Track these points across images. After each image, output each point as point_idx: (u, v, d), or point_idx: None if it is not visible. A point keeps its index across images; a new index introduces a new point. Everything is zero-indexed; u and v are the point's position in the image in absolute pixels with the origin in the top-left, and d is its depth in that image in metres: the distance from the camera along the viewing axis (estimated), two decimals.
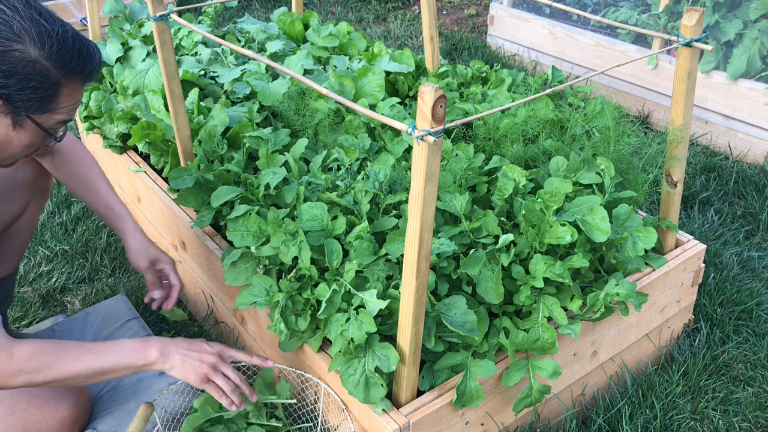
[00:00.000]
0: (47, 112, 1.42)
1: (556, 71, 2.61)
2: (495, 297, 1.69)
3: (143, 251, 1.87)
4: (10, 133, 1.41)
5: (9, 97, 1.34)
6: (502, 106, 1.40)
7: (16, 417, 1.58)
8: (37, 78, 1.35)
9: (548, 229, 1.73)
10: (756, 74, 3.33)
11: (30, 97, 1.36)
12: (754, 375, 2.15)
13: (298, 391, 1.84)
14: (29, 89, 1.35)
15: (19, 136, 1.43)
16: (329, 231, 1.74)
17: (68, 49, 1.38)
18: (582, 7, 4.33)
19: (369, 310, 1.57)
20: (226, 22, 5.03)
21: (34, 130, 1.44)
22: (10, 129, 1.41)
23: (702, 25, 1.71)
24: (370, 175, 1.89)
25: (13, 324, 2.32)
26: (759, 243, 2.77)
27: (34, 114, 1.40)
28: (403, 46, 4.74)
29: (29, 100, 1.36)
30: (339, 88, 2.42)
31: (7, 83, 1.32)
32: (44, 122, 1.44)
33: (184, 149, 2.19)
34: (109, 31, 2.83)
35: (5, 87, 1.33)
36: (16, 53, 1.31)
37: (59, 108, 1.43)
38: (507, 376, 1.66)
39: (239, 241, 1.80)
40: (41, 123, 1.43)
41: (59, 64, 1.37)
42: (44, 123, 1.44)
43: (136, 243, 1.87)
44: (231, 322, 2.17)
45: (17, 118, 1.39)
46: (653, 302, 2.03)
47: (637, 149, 2.06)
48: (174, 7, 1.89)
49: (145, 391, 1.86)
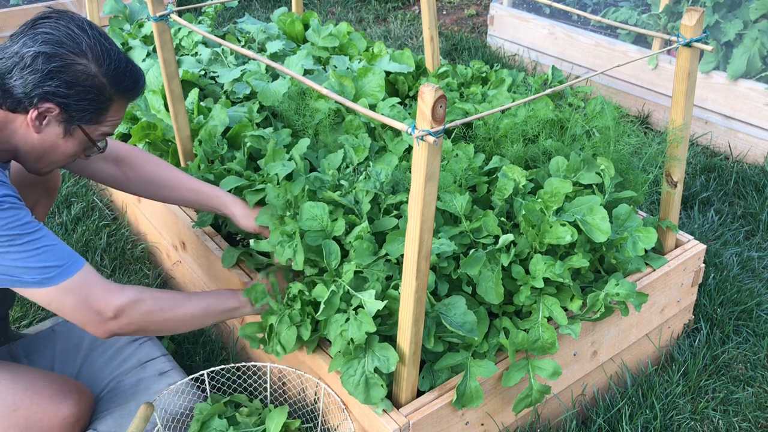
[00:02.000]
0: (96, 123, 1.56)
1: (556, 71, 2.61)
2: (495, 297, 1.69)
3: (250, 215, 1.92)
4: (59, 140, 1.54)
5: (67, 106, 1.48)
6: (502, 106, 1.40)
7: (18, 415, 1.59)
8: (94, 92, 1.50)
9: (548, 229, 1.73)
10: (756, 74, 3.33)
11: (85, 108, 1.50)
12: (754, 375, 2.15)
13: (299, 391, 1.84)
14: (86, 101, 1.50)
15: (66, 145, 1.55)
16: (328, 232, 1.74)
17: (122, 69, 1.54)
18: (582, 7, 4.34)
19: (367, 311, 1.57)
20: (226, 22, 5.03)
21: (80, 140, 1.56)
22: (60, 137, 1.53)
23: (702, 26, 1.72)
24: (371, 175, 1.89)
25: (13, 324, 2.32)
26: (759, 243, 2.77)
27: (84, 125, 1.54)
28: (403, 46, 4.74)
29: (84, 111, 1.51)
30: (339, 88, 2.42)
31: (68, 93, 1.47)
32: (91, 133, 1.57)
33: (184, 149, 2.19)
34: (109, 31, 2.83)
35: (66, 96, 1.47)
36: (80, 66, 1.47)
37: (106, 121, 1.57)
38: (507, 377, 1.66)
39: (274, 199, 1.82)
40: (89, 133, 1.56)
41: (114, 82, 1.53)
42: (91, 134, 1.57)
43: (240, 209, 1.92)
44: (231, 322, 2.17)
45: (69, 127, 1.53)
46: (653, 302, 2.03)
47: (637, 149, 2.06)
48: (174, 7, 1.89)
49: (145, 392, 1.86)
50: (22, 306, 2.40)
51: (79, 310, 1.50)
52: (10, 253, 1.41)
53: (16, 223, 1.43)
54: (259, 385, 1.91)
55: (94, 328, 1.53)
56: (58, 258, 1.47)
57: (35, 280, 1.44)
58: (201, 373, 1.83)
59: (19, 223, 1.43)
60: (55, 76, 1.44)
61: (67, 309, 1.49)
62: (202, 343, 2.19)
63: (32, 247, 1.44)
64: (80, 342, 2.00)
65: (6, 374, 1.63)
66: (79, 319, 1.51)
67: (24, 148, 1.54)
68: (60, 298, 1.48)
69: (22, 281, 1.44)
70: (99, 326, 1.52)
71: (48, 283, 1.46)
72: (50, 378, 1.68)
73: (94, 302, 1.50)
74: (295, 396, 1.86)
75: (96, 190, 3.00)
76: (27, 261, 1.43)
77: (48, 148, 1.55)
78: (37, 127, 1.49)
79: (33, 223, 1.47)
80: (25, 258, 1.43)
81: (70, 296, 1.48)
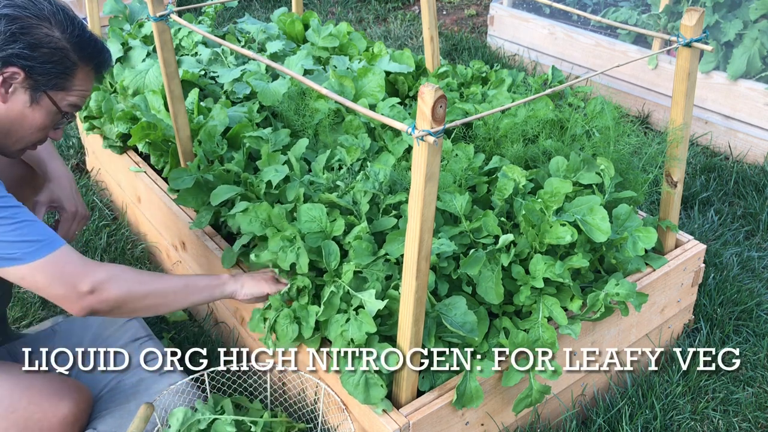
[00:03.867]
0: (62, 90, 1.54)
1: (556, 71, 2.61)
2: (495, 297, 1.69)
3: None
4: (26, 110, 1.52)
5: (32, 69, 1.47)
6: (502, 106, 1.40)
7: (17, 415, 1.58)
8: (59, 54, 1.50)
9: (548, 229, 1.72)
10: (756, 74, 3.33)
11: (50, 72, 1.50)
12: (754, 375, 2.15)
13: (299, 391, 1.84)
14: (51, 64, 1.49)
15: (34, 115, 1.53)
16: (328, 233, 1.74)
17: (86, 37, 1.56)
18: (582, 7, 4.33)
19: (368, 311, 1.57)
20: (226, 22, 5.03)
21: (48, 109, 1.54)
22: (27, 106, 1.51)
23: (702, 26, 1.71)
24: (369, 176, 1.89)
25: (13, 324, 2.32)
26: (759, 243, 2.77)
27: (50, 91, 1.52)
28: (403, 46, 4.74)
29: (49, 74, 1.50)
30: (339, 88, 2.42)
31: (32, 55, 1.46)
32: (59, 101, 1.55)
33: (184, 149, 2.19)
34: (109, 31, 2.82)
35: (30, 59, 1.46)
36: (43, 29, 1.48)
37: (72, 89, 1.56)
38: (507, 377, 1.66)
39: (247, 225, 1.81)
40: (57, 101, 1.54)
41: (77, 48, 1.53)
42: (59, 101, 1.55)
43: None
44: (231, 322, 2.17)
45: (35, 95, 1.51)
46: (653, 302, 2.03)
47: (637, 149, 2.06)
48: (174, 8, 1.89)
49: (146, 392, 1.86)
50: (22, 306, 2.40)
51: (56, 284, 1.46)
52: None
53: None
54: (259, 386, 1.91)
55: (70, 304, 1.50)
56: (38, 233, 1.45)
57: (13, 255, 1.42)
58: (201, 373, 1.83)
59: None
60: (18, 39, 1.44)
61: (43, 284, 1.46)
62: (202, 343, 2.19)
63: (11, 222, 1.42)
64: (80, 342, 2.00)
65: (4, 374, 1.62)
66: (56, 294, 1.48)
67: None
68: (37, 274, 1.45)
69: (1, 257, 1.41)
70: (76, 302, 1.49)
71: (28, 258, 1.43)
72: (49, 378, 1.67)
73: (70, 277, 1.47)
74: (295, 396, 1.86)
75: (96, 190, 3.00)
76: (6, 235, 1.41)
77: (15, 120, 1.52)
78: (3, 96, 1.48)
79: (10, 198, 1.45)
80: (4, 232, 1.41)
81: (48, 271, 1.45)
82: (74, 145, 3.36)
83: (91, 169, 3.08)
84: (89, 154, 3.08)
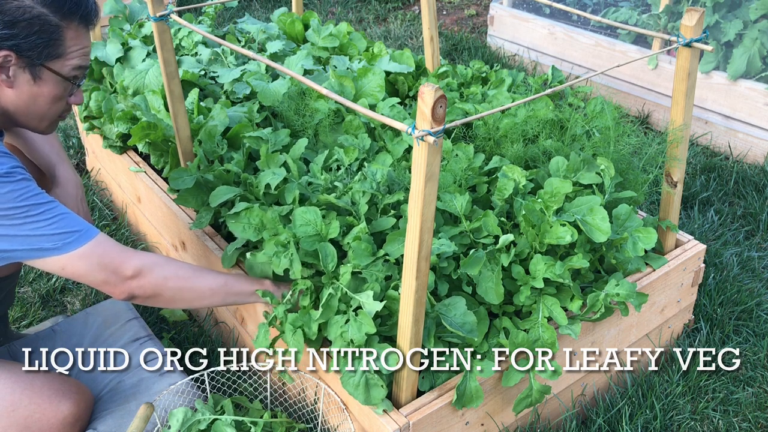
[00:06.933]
0: (58, 57, 1.51)
1: (556, 71, 2.61)
2: (495, 297, 1.69)
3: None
4: (33, 89, 1.51)
5: (18, 47, 1.44)
6: (502, 106, 1.40)
7: (18, 414, 1.59)
8: (38, 23, 1.45)
9: (548, 230, 1.72)
10: (756, 74, 3.33)
11: (37, 43, 1.46)
12: (754, 375, 2.15)
13: (299, 392, 1.84)
14: (34, 35, 1.45)
15: (42, 90, 1.52)
16: (323, 235, 1.73)
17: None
18: (582, 7, 4.33)
19: (366, 312, 1.57)
20: (226, 23, 5.03)
21: (53, 80, 1.52)
22: (32, 84, 1.50)
23: (702, 26, 1.71)
24: (367, 176, 1.89)
25: (13, 324, 2.32)
26: (759, 243, 2.77)
27: (46, 62, 1.49)
28: (403, 46, 4.74)
29: (37, 46, 1.46)
30: (339, 88, 2.42)
31: (13, 33, 1.43)
32: (60, 69, 1.52)
33: (184, 149, 2.19)
34: (109, 31, 2.82)
35: (12, 37, 1.43)
36: (14, 3, 1.43)
37: (68, 52, 1.52)
38: (507, 377, 1.66)
39: (241, 232, 1.82)
40: (57, 70, 1.51)
41: (54, 8, 1.47)
42: (60, 70, 1.52)
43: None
44: (231, 322, 2.17)
45: (34, 71, 1.49)
46: (653, 302, 2.03)
47: (637, 149, 2.06)
48: (174, 8, 1.89)
49: (146, 392, 1.86)
50: (22, 306, 2.40)
51: (99, 270, 1.51)
52: (27, 223, 1.43)
53: (30, 193, 1.45)
54: (259, 386, 1.91)
55: (112, 288, 1.54)
56: (75, 224, 1.50)
57: (56, 246, 1.46)
58: (201, 374, 1.83)
59: (33, 194, 1.45)
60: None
61: (84, 271, 1.51)
62: (202, 343, 2.19)
63: (49, 216, 1.46)
64: (80, 342, 2.00)
65: (5, 374, 1.63)
66: (98, 279, 1.53)
67: (10, 110, 1.53)
68: (78, 262, 1.49)
69: (43, 249, 1.46)
70: (117, 285, 1.54)
71: (68, 248, 1.48)
72: (49, 378, 1.67)
73: (111, 262, 1.52)
74: (295, 396, 1.86)
75: (96, 190, 3.00)
76: (46, 229, 1.45)
77: (28, 101, 1.52)
78: (7, 82, 1.48)
79: (44, 194, 1.49)
80: (44, 226, 1.45)
81: (88, 259, 1.50)
82: (74, 145, 3.36)
83: (91, 169, 3.08)
84: (89, 154, 3.08)
